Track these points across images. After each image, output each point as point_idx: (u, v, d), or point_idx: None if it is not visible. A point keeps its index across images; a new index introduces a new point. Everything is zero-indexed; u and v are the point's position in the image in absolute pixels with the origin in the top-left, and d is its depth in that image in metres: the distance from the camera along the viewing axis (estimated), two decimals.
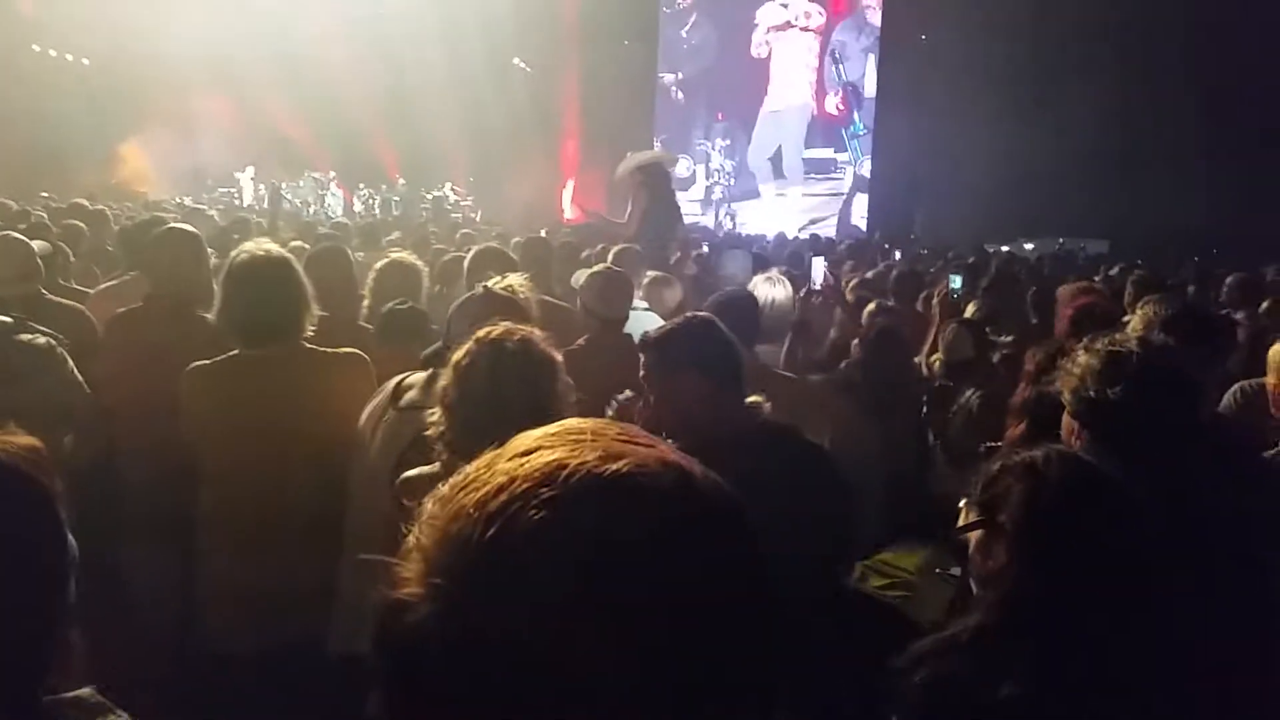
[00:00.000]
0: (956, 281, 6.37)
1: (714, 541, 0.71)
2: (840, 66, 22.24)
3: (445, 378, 2.21)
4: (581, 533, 0.65)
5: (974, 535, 1.74)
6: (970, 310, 4.72)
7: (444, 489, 0.73)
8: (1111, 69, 17.30)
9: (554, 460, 0.69)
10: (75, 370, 3.20)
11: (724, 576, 0.70)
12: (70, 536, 1.47)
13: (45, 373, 2.99)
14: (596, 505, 0.67)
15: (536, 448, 0.71)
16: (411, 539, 0.72)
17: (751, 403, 2.45)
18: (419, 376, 2.78)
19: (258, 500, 2.78)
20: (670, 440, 0.77)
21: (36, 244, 4.34)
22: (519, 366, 2.17)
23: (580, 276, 4.30)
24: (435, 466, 2.21)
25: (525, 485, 0.67)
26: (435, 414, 2.20)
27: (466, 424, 2.12)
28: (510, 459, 0.71)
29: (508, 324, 2.26)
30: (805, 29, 22.49)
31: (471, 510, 0.68)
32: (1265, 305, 5.69)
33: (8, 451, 1.43)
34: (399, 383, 2.81)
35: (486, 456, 0.73)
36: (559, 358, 2.27)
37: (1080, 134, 17.71)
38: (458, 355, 2.20)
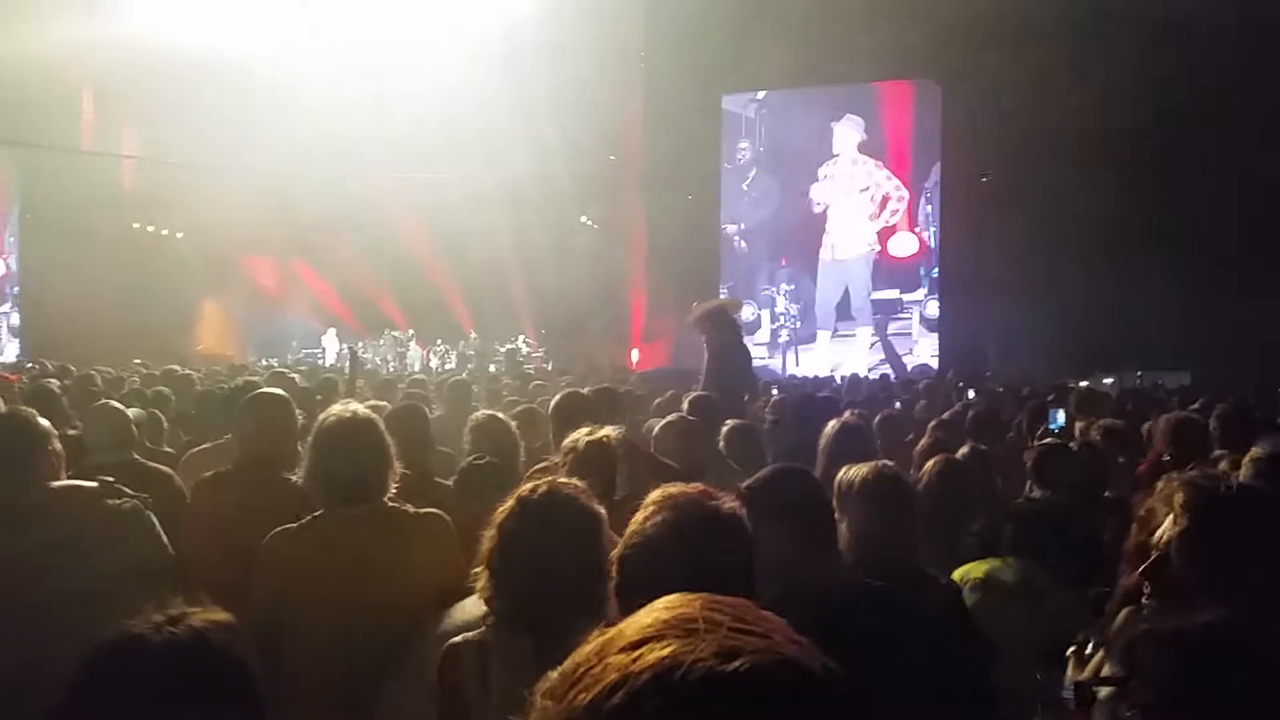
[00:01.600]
0: (1059, 418, 6.21)
1: None
2: (926, 208, 22.72)
3: (488, 540, 2.13)
4: None
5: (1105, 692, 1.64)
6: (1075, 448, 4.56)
7: (555, 679, 0.70)
8: (1185, 201, 17.29)
9: (667, 658, 0.66)
10: (163, 535, 3.26)
11: None
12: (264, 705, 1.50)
13: (133, 538, 3.04)
14: (712, 712, 0.64)
15: (648, 639, 0.68)
16: None
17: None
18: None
19: (340, 662, 2.75)
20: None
21: (132, 412, 4.51)
22: (562, 529, 2.09)
23: (654, 426, 4.31)
24: (480, 633, 2.15)
25: (639, 686, 0.65)
26: (482, 577, 2.14)
27: (511, 590, 2.06)
28: (620, 651, 0.68)
29: (551, 480, 2.21)
30: (863, 180, 23.06)
31: (583, 714, 0.65)
32: None
33: (213, 630, 1.48)
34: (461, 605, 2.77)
35: (596, 643, 0.70)
36: (603, 512, 2.21)
37: (1155, 265, 17.56)
38: (500, 517, 2.13)
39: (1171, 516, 2.03)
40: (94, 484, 3.14)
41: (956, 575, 3.32)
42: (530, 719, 0.70)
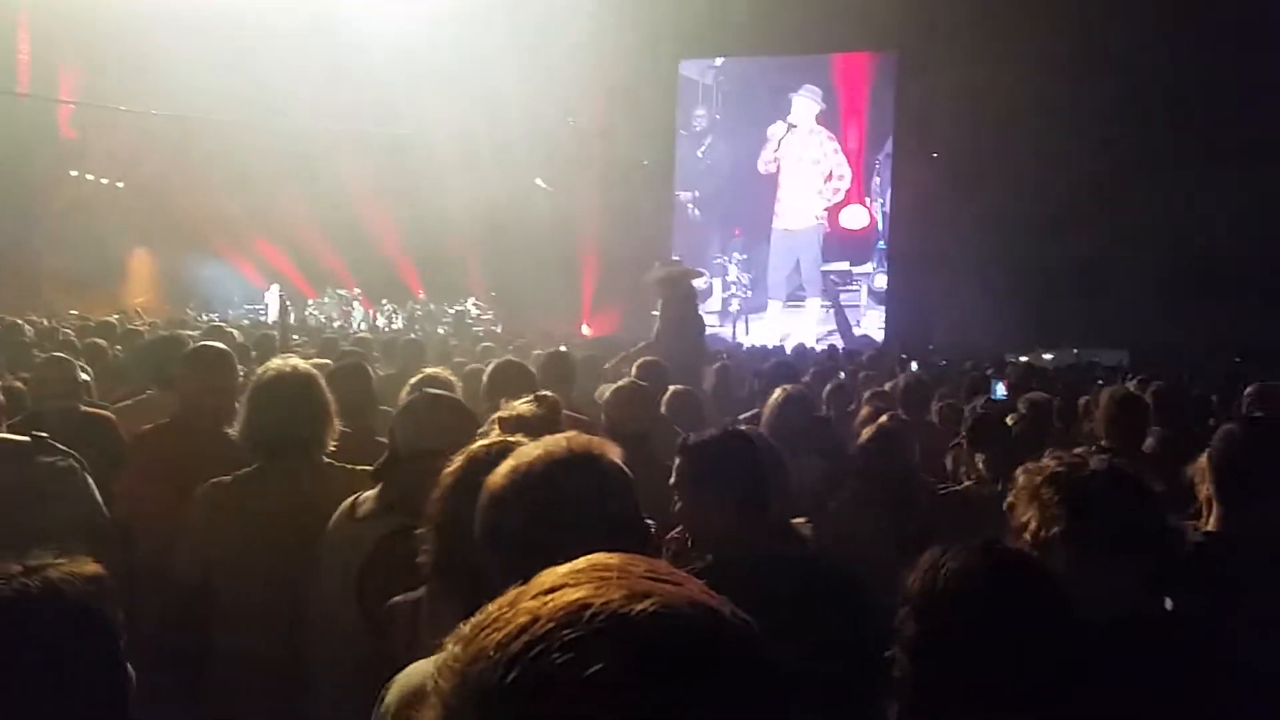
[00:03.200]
0: (999, 390, 6.33)
1: (742, 686, 0.67)
2: (874, 181, 22.86)
3: (436, 494, 2.08)
4: (605, 677, 0.63)
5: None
6: (1010, 421, 4.65)
7: (465, 628, 0.70)
8: (1129, 183, 17.59)
9: (578, 599, 0.67)
10: (97, 492, 3.18)
11: None
12: (128, 666, 1.46)
13: (67, 496, 2.96)
14: (621, 648, 0.64)
15: (561, 585, 0.69)
16: (429, 683, 0.69)
17: (792, 525, 2.41)
18: (373, 493, 2.70)
19: (269, 617, 2.71)
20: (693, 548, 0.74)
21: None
22: None
23: (604, 391, 4.30)
24: (420, 592, 2.12)
25: (548, 625, 0.65)
26: (426, 533, 2.06)
27: (456, 546, 1.99)
28: (533, 597, 0.69)
29: (502, 440, 2.14)
30: (815, 152, 23.13)
31: (492, 652, 0.66)
32: None
33: (71, 583, 1.44)
34: (354, 500, 2.74)
35: (510, 594, 0.71)
36: None
37: (1099, 244, 17.90)
38: (448, 471, 2.07)
39: (1040, 510, 1.96)
40: (26, 438, 3.05)
41: None
42: (440, 662, 0.70)
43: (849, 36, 21.61)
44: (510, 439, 2.19)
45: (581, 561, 0.73)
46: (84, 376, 4.66)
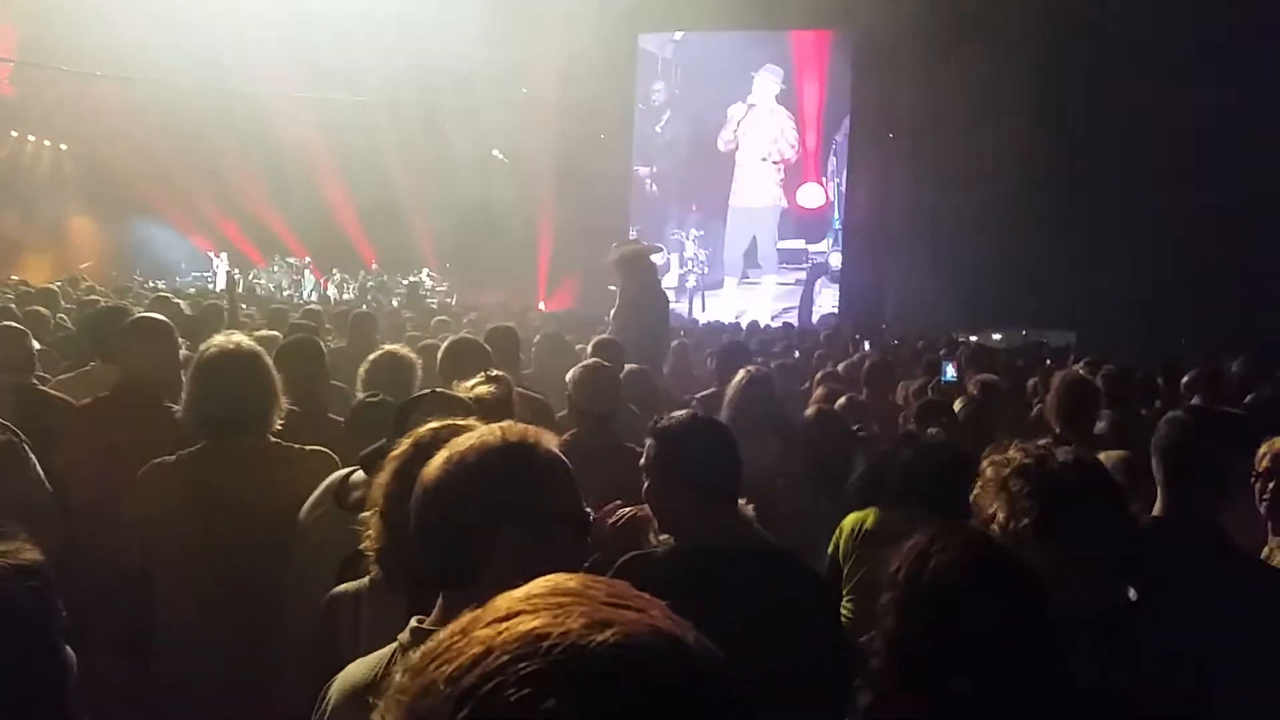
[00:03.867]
0: (949, 372, 6.40)
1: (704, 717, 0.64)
2: (830, 160, 22.88)
3: (382, 479, 2.01)
4: (562, 715, 0.59)
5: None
6: (958, 405, 4.67)
7: (415, 657, 0.66)
8: (1083, 168, 17.82)
9: (534, 629, 0.62)
10: (37, 466, 3.08)
11: None
12: (69, 651, 1.42)
13: (6, 472, 2.87)
14: (579, 682, 0.60)
15: (517, 611, 0.65)
16: (376, 717, 0.65)
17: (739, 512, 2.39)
18: (362, 476, 2.59)
19: (214, 601, 2.64)
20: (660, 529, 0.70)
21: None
22: None
23: (572, 372, 4.24)
24: (363, 582, 2.06)
25: (503, 658, 0.61)
26: (369, 520, 2.00)
27: (399, 535, 1.89)
28: (487, 624, 0.64)
29: (451, 424, 2.05)
30: (774, 131, 23.10)
31: (443, 686, 0.61)
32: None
33: (2, 574, 1.38)
34: (344, 478, 2.63)
35: (463, 620, 0.66)
36: None
37: (1048, 226, 18.13)
38: (392, 455, 2.01)
39: (1008, 502, 1.96)
40: None
41: (847, 522, 3.35)
42: (388, 695, 0.65)
43: (808, 13, 21.53)
44: (459, 423, 2.12)
45: (540, 584, 0.68)
46: (36, 346, 4.54)
